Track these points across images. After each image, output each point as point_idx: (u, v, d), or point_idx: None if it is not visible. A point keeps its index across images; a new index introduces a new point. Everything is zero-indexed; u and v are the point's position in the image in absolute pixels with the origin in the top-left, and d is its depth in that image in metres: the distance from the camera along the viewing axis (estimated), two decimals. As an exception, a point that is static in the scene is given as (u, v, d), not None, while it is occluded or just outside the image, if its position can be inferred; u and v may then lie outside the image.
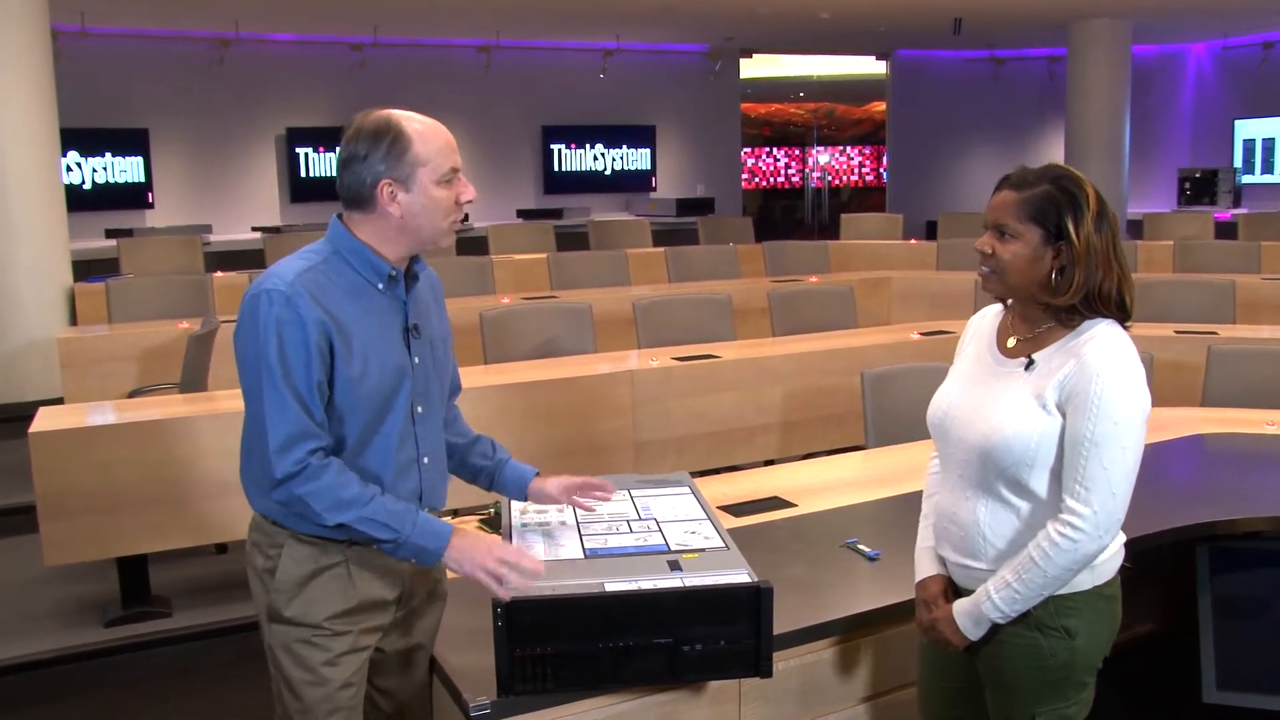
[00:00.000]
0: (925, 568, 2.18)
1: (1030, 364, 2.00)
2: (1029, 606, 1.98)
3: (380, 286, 1.99)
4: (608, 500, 2.30)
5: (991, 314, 2.18)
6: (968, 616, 2.02)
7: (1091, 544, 1.92)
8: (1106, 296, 1.96)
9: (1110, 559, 2.04)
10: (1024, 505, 2.00)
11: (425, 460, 2.07)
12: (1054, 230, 1.93)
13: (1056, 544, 1.91)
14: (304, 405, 1.88)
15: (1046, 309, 2.00)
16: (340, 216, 2.02)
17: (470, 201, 2.05)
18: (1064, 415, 1.94)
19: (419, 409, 2.05)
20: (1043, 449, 1.95)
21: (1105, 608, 2.04)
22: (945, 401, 2.13)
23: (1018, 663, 2.02)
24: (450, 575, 2.16)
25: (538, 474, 2.30)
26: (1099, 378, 1.90)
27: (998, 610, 1.98)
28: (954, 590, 2.13)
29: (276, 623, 2.00)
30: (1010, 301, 2.10)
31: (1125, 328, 2.00)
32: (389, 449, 2.00)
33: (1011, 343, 2.06)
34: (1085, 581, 2.00)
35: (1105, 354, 1.92)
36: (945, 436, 2.11)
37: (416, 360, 2.04)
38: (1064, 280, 1.94)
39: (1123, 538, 2.07)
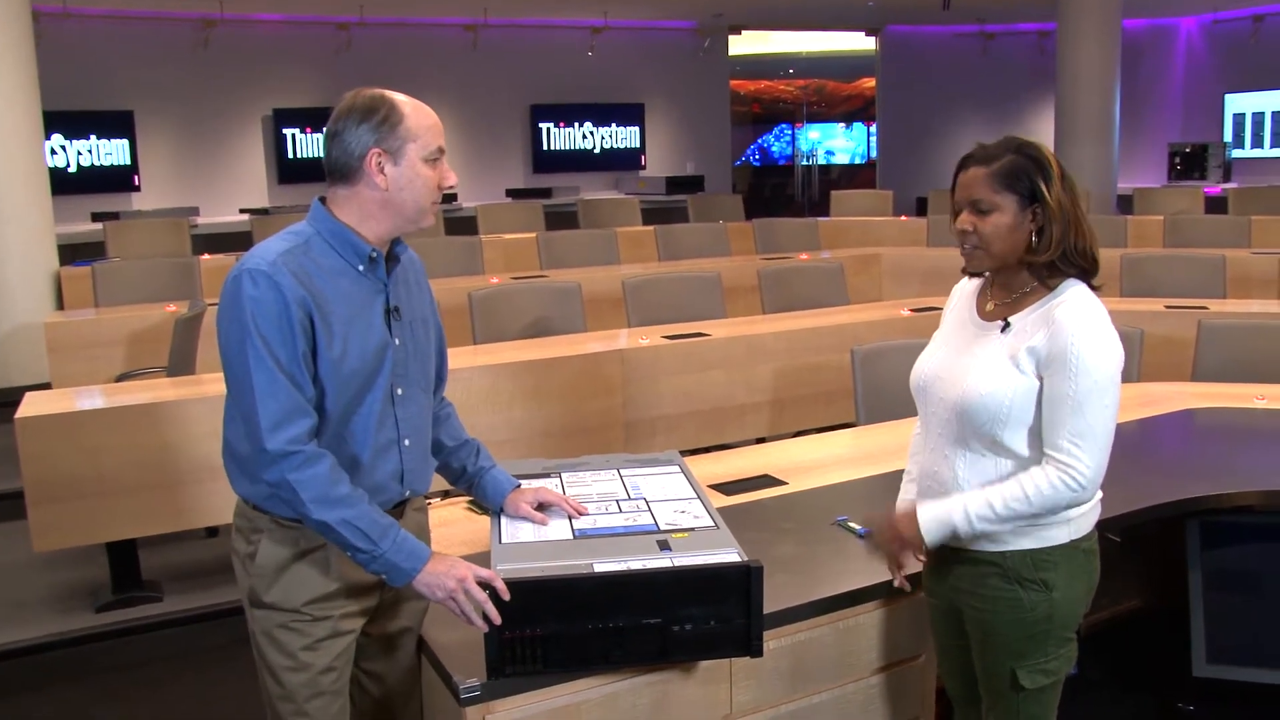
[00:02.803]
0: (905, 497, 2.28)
1: (1006, 326, 2.07)
2: (991, 531, 2.03)
3: (361, 268, 1.98)
4: (579, 516, 2.24)
5: (974, 281, 2.24)
6: (932, 517, 2.06)
7: (1084, 494, 1.99)
8: (1082, 252, 2.04)
9: (1088, 513, 2.10)
10: (1000, 461, 2.07)
11: (406, 442, 2.06)
12: (1028, 195, 2.01)
13: (1055, 487, 1.97)
14: (293, 382, 1.88)
15: (1029, 270, 2.07)
16: (323, 200, 2.01)
17: (452, 187, 2.04)
18: (1041, 378, 2.00)
19: (399, 390, 2.03)
20: (1016, 407, 2.01)
21: (1083, 561, 2.10)
22: (926, 365, 2.21)
23: (1000, 616, 2.08)
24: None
25: (518, 487, 2.28)
26: (1075, 339, 1.96)
27: (967, 521, 2.02)
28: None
29: (257, 608, 2.00)
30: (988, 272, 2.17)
31: (1095, 286, 2.08)
32: (368, 429, 1.99)
33: (990, 307, 2.14)
34: (1062, 535, 2.06)
35: (1077, 316, 1.99)
36: (926, 398, 2.18)
37: (397, 342, 2.03)
38: (1044, 240, 2.02)
39: (1099, 494, 2.13)
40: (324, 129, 2.00)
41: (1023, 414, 2.01)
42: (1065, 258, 2.03)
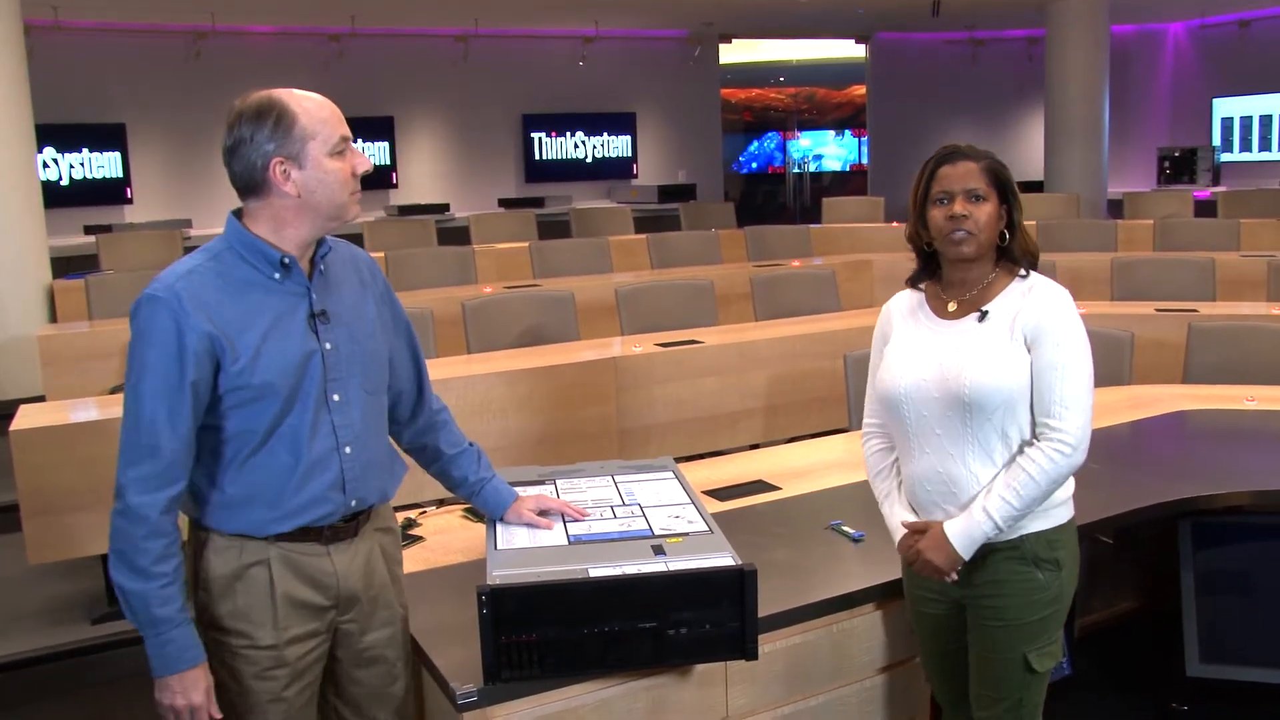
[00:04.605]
0: (902, 517, 2.25)
1: (984, 315, 2.16)
2: (1015, 522, 2.11)
3: (276, 276, 1.92)
4: (580, 519, 2.26)
5: (907, 295, 2.34)
6: (963, 536, 2.12)
7: (1078, 456, 2.10)
8: (1035, 248, 2.22)
9: (1072, 493, 2.22)
10: (1011, 441, 2.13)
11: (347, 450, 1.97)
12: (1002, 193, 2.17)
13: (1053, 460, 2.08)
14: (158, 422, 1.82)
15: (995, 264, 2.20)
16: (237, 213, 1.95)
17: (367, 172, 1.98)
18: (1029, 351, 2.11)
19: (335, 396, 1.96)
20: (1022, 385, 2.11)
21: (1075, 539, 2.22)
22: (902, 373, 2.22)
23: (1016, 600, 2.14)
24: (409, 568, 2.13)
25: (518, 498, 2.28)
26: (1057, 312, 2.12)
27: (995, 527, 2.10)
28: None
29: (204, 627, 1.95)
30: (927, 280, 2.28)
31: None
32: (299, 440, 1.92)
33: (953, 306, 2.22)
34: (1064, 515, 2.19)
35: (1055, 294, 2.16)
36: (913, 404, 2.19)
37: (328, 346, 1.95)
38: (1016, 236, 2.19)
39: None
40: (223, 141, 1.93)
41: (1025, 392, 2.11)
42: (1027, 251, 2.20)
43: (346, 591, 2.00)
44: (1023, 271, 2.19)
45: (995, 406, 2.09)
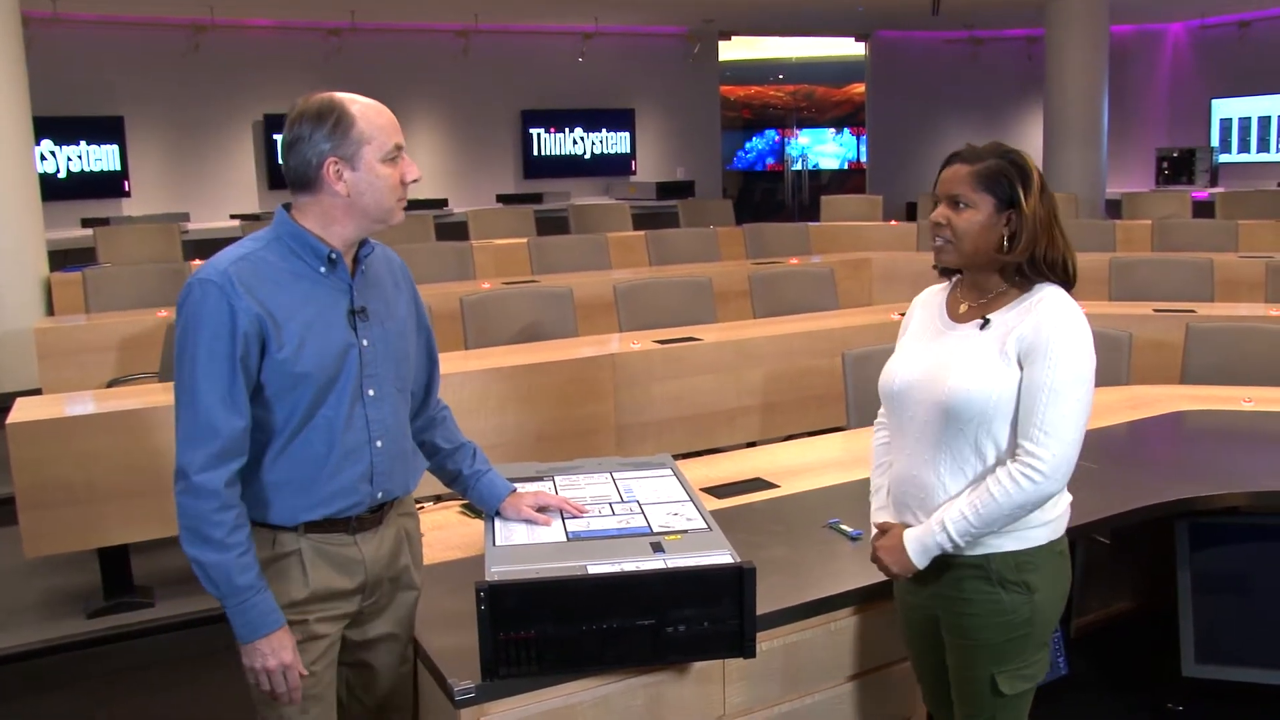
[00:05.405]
0: (880, 517, 2.26)
1: (985, 324, 2.08)
2: (975, 539, 2.04)
3: (322, 270, 1.97)
4: (580, 515, 2.27)
5: (936, 290, 2.27)
6: (917, 543, 2.08)
7: (1050, 485, 1.99)
8: (1052, 262, 2.06)
9: (1062, 515, 2.12)
10: (986, 456, 2.06)
11: (378, 443, 2.03)
12: (1005, 199, 2.04)
13: (1018, 484, 1.98)
14: (213, 402, 1.86)
15: (1000, 272, 2.09)
16: (287, 206, 2.00)
17: (415, 180, 2.03)
18: (1021, 368, 2.02)
19: (370, 391, 2.01)
20: (1002, 400, 2.02)
21: (1060, 564, 2.12)
22: (900, 370, 2.20)
23: (981, 620, 2.08)
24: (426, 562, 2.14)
25: (514, 491, 2.29)
26: (1056, 331, 2.00)
27: (950, 540, 2.04)
28: None
29: None
30: (959, 274, 2.19)
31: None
32: (333, 430, 1.97)
33: (963, 309, 2.15)
34: (1042, 536, 2.08)
35: (1059, 311, 2.03)
36: (902, 402, 2.17)
37: (365, 342, 2.00)
38: (1015, 245, 2.04)
39: (1069, 497, 2.15)
40: (280, 136, 1.99)
41: (1007, 408, 2.02)
42: (1034, 264, 2.05)
43: (373, 576, 2.06)
44: (1029, 285, 2.07)
45: (970, 417, 2.03)
